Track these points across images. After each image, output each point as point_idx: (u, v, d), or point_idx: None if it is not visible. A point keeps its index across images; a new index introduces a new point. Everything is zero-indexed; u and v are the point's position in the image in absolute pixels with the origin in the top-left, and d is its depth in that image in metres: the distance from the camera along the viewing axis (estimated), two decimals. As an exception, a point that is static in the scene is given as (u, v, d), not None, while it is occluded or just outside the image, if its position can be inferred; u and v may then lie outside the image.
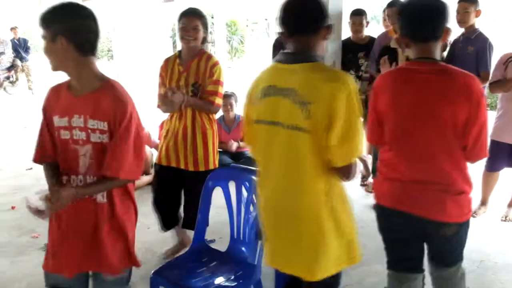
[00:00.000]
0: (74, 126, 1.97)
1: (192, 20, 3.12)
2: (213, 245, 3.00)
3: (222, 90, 3.27)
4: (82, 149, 1.99)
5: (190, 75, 3.16)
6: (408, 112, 2.10)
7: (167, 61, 3.29)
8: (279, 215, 1.97)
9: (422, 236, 2.25)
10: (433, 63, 2.10)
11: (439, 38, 2.10)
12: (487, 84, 4.03)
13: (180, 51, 3.27)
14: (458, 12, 4.09)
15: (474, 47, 4.04)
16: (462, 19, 4.08)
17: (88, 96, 1.95)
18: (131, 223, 2.14)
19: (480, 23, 4.20)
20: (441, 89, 2.04)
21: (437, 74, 2.07)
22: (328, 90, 1.76)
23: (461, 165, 2.13)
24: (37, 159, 2.12)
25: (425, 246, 2.33)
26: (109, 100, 1.94)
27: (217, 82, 3.20)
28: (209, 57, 3.21)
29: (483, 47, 4.01)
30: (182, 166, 3.24)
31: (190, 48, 3.17)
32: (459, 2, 4.08)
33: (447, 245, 2.25)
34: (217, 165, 3.33)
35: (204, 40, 3.23)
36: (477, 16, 4.09)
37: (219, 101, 3.24)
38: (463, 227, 2.20)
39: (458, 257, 2.32)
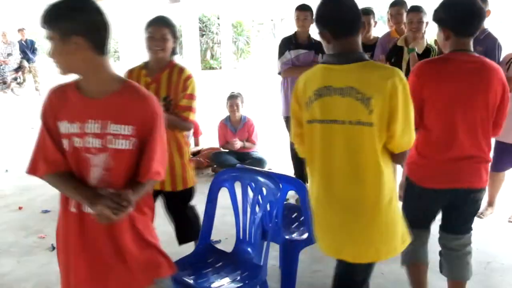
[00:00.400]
0: (87, 132, 1.76)
1: (160, 29, 2.82)
2: (218, 246, 3.00)
3: (196, 105, 2.98)
4: (95, 159, 1.78)
5: (160, 88, 2.87)
6: (456, 97, 2.38)
7: (130, 72, 2.98)
8: (347, 207, 2.04)
9: (449, 205, 2.56)
10: (472, 54, 2.44)
11: (476, 34, 2.47)
12: None
13: (146, 62, 2.97)
14: None
15: (482, 47, 4.01)
16: None
17: (108, 99, 1.78)
18: (152, 227, 1.99)
19: (487, 23, 4.18)
20: (483, 76, 2.39)
21: (478, 63, 2.42)
22: (387, 85, 1.89)
23: (489, 139, 2.52)
24: (42, 171, 1.83)
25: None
26: (136, 102, 1.80)
27: (191, 97, 2.92)
28: (182, 69, 2.94)
29: (491, 47, 3.99)
30: (157, 187, 2.84)
31: (158, 59, 2.88)
32: None
33: (472, 209, 2.61)
34: (196, 182, 3.11)
35: (173, 51, 2.95)
36: (487, 16, 4.06)
37: (193, 116, 2.96)
38: (485, 190, 2.62)
39: (471, 224, 2.66)
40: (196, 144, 6.09)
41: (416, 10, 4.14)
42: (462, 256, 2.66)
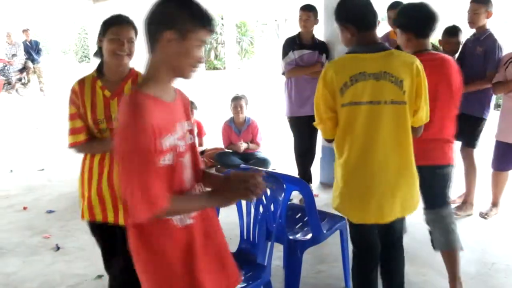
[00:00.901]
0: (179, 137, 1.66)
1: (127, 30, 2.35)
2: (223, 246, 3.00)
3: None
4: (185, 161, 1.69)
5: None
6: (432, 91, 2.53)
7: (81, 83, 2.40)
8: (391, 173, 2.34)
9: (421, 182, 2.66)
10: (433, 52, 2.80)
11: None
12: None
13: (98, 71, 2.42)
14: (468, 12, 4.08)
15: (482, 47, 4.01)
16: (472, 20, 4.05)
17: (177, 99, 1.73)
18: None
19: (491, 24, 4.17)
20: (446, 70, 2.74)
21: (440, 60, 2.76)
22: (413, 68, 2.28)
23: (454, 122, 2.86)
24: (163, 206, 1.54)
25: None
26: (185, 98, 1.81)
27: None
28: None
29: (491, 48, 3.99)
30: (111, 220, 2.42)
31: (120, 66, 2.38)
32: (470, 2, 4.05)
33: (442, 183, 2.88)
34: None
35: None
36: (488, 17, 4.04)
37: None
38: (453, 166, 2.91)
39: (446, 198, 2.94)
40: (200, 144, 6.10)
41: None
42: (446, 224, 2.92)
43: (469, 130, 4.17)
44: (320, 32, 4.95)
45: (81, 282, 3.28)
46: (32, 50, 13.81)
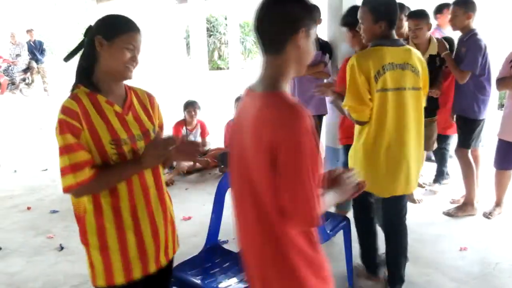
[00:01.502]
0: None
1: (139, 40, 1.90)
2: (226, 246, 3.00)
3: None
4: None
5: (141, 117, 1.96)
6: None
7: (78, 100, 1.81)
8: (413, 152, 2.76)
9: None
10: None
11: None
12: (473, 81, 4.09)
13: (91, 85, 1.86)
14: (449, 15, 4.20)
15: (465, 48, 4.07)
16: (451, 22, 4.19)
17: None
18: None
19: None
20: None
21: None
22: (423, 61, 2.78)
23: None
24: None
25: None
26: None
27: (163, 126, 2.15)
28: (148, 92, 2.11)
29: (471, 47, 4.03)
30: (152, 269, 1.98)
31: (123, 79, 1.92)
32: (451, 5, 4.14)
33: None
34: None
35: None
36: (468, 19, 4.08)
37: None
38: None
39: None
40: (204, 144, 6.11)
41: (412, 16, 4.24)
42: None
43: (462, 130, 4.26)
44: (323, 32, 4.94)
45: (84, 282, 3.28)
46: (36, 50, 13.85)
